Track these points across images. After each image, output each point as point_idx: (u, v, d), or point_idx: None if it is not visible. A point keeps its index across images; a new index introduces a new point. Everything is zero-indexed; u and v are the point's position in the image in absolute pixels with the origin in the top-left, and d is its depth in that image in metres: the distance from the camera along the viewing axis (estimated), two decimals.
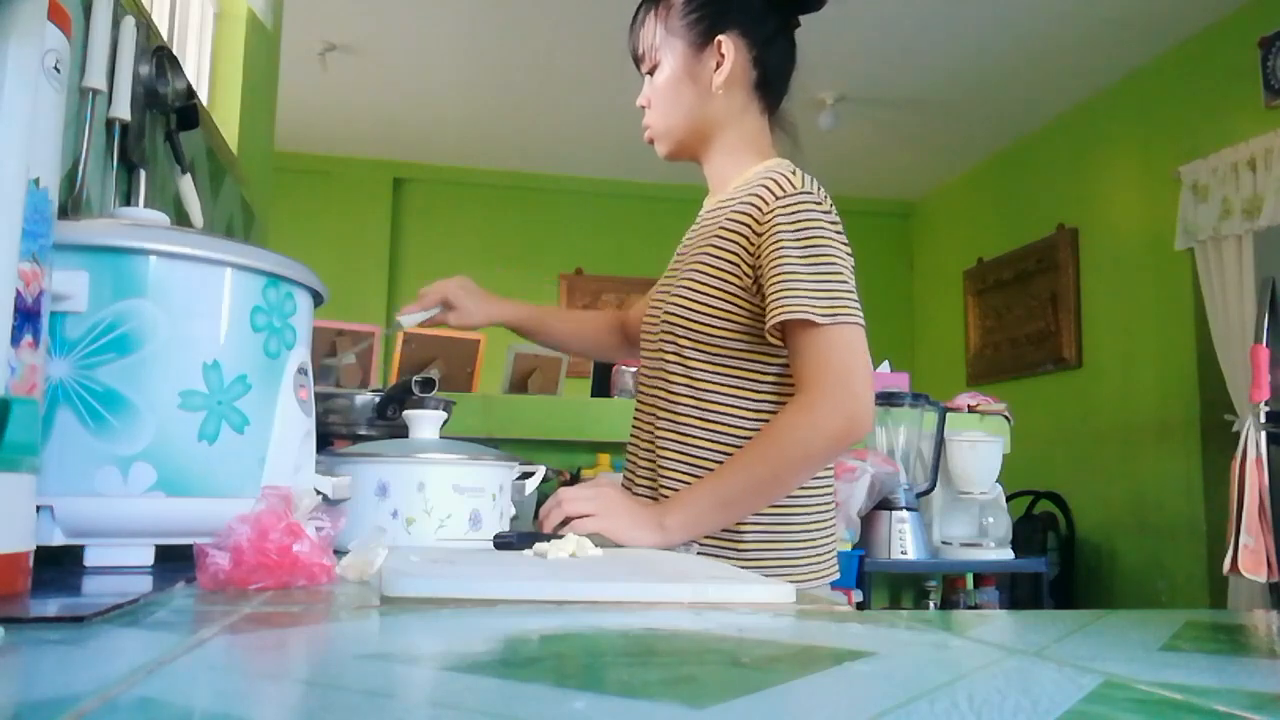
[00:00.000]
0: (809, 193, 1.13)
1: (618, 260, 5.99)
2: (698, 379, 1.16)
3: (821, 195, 1.14)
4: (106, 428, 0.66)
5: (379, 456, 0.95)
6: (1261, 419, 2.75)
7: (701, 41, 1.21)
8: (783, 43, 1.25)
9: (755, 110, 1.24)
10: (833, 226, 1.12)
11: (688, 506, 1.08)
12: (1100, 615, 0.57)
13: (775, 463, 1.08)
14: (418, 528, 0.93)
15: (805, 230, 1.10)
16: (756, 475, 1.08)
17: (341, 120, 5.30)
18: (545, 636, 0.48)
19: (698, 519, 1.08)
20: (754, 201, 1.15)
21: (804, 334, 1.07)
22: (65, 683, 0.35)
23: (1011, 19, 4.04)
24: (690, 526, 1.08)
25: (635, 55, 1.28)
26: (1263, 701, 0.34)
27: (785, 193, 1.12)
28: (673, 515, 1.07)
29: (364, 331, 2.68)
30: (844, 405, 1.05)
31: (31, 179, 0.54)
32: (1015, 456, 2.72)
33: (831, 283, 1.08)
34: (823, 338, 1.06)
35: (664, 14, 1.24)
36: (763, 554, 1.13)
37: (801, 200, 1.11)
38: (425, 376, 1.23)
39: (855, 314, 1.08)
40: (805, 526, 1.16)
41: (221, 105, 2.30)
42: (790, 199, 1.12)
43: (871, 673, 0.39)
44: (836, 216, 1.14)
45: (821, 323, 1.05)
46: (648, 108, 1.27)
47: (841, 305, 1.07)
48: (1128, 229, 4.47)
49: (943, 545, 2.53)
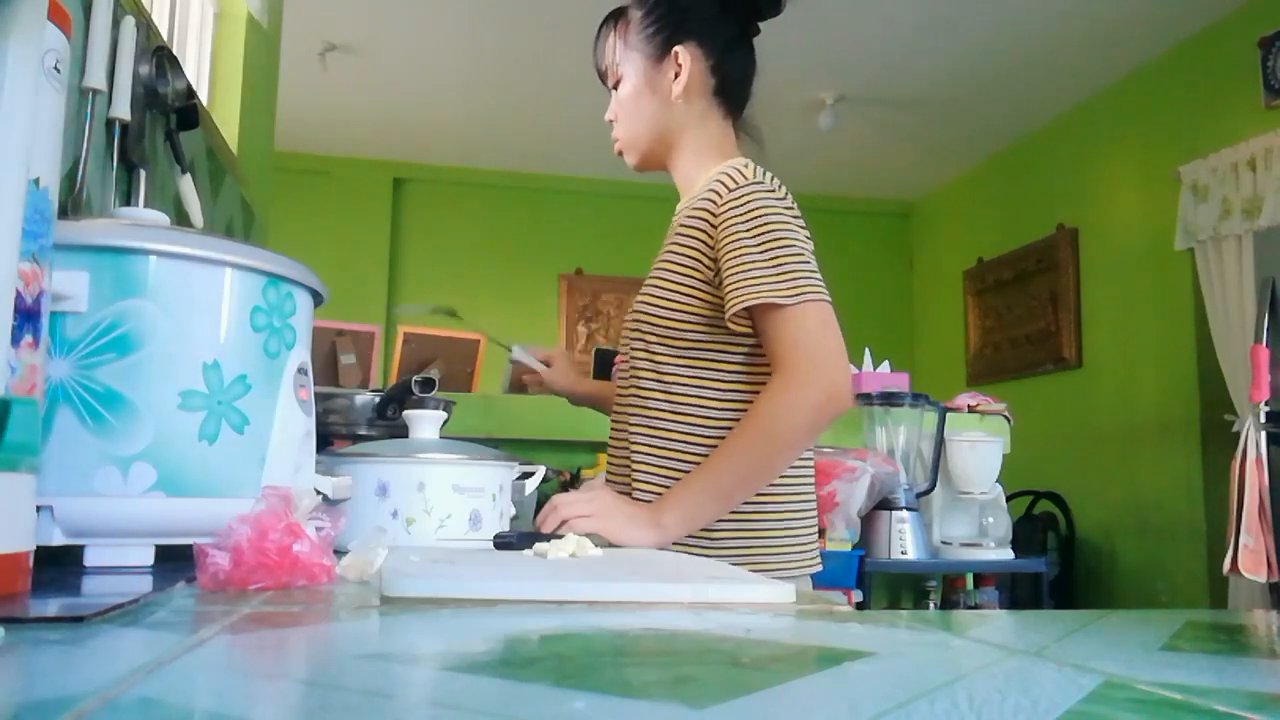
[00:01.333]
0: (758, 183, 1.15)
1: (618, 260, 5.98)
2: (665, 373, 1.19)
3: (774, 184, 1.17)
4: (106, 428, 0.66)
5: (379, 456, 0.95)
6: (1261, 419, 2.75)
7: (659, 54, 1.25)
8: (742, 50, 1.28)
9: (717, 116, 1.27)
10: (788, 211, 1.14)
11: (683, 502, 1.09)
12: (1100, 615, 0.57)
13: (762, 446, 1.09)
14: (418, 528, 0.93)
15: (758, 218, 1.12)
16: (745, 462, 1.10)
17: (341, 120, 5.30)
18: (545, 636, 0.48)
19: (694, 513, 1.09)
20: (709, 198, 1.18)
21: (770, 317, 1.09)
22: (65, 683, 0.35)
23: (1011, 19, 4.04)
24: (687, 521, 1.09)
25: (600, 71, 1.33)
26: (1263, 701, 0.34)
27: (737, 184, 1.15)
28: (669, 512, 1.08)
29: (365, 331, 2.68)
30: (820, 378, 1.07)
31: (31, 179, 0.54)
32: (1015, 456, 2.72)
33: (790, 264, 1.09)
34: (790, 318, 1.08)
35: (623, 30, 1.28)
36: (737, 545, 1.14)
37: (752, 191, 1.14)
38: (425, 376, 1.23)
39: (819, 292, 1.10)
40: (781, 516, 1.17)
41: (221, 105, 2.30)
42: (740, 190, 1.14)
43: (871, 673, 0.39)
44: (792, 203, 1.17)
45: (785, 304, 1.07)
46: (615, 121, 1.31)
47: (804, 285, 1.08)
48: (1128, 229, 4.47)
49: (943, 545, 2.53)
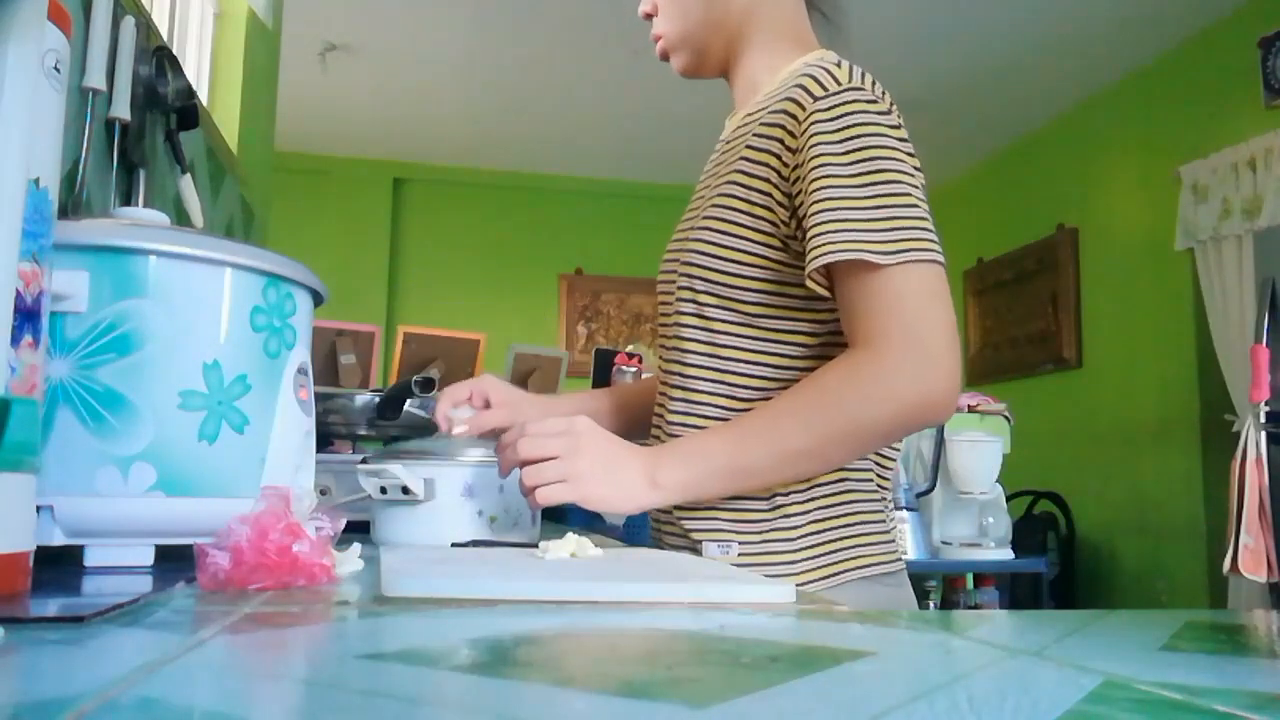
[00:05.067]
0: (858, 88, 0.87)
1: (618, 260, 5.99)
2: (721, 345, 0.94)
3: (878, 93, 0.89)
4: (106, 428, 0.66)
5: (464, 459, 0.98)
6: (1261, 419, 2.75)
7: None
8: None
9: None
10: (894, 133, 0.86)
11: (692, 464, 0.85)
12: (1100, 615, 0.57)
13: (820, 431, 0.82)
14: (498, 525, 0.97)
15: (854, 140, 0.84)
16: (788, 444, 0.83)
17: (341, 120, 5.30)
18: (545, 636, 0.48)
19: (702, 482, 0.85)
20: (787, 109, 0.89)
21: (859, 280, 0.82)
22: (65, 683, 0.35)
23: (1012, 19, 4.04)
24: (688, 489, 0.86)
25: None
26: (1263, 701, 0.34)
27: (826, 91, 0.86)
28: (671, 470, 0.84)
29: (365, 331, 2.68)
30: (918, 371, 0.80)
31: (31, 179, 0.54)
32: (1015, 456, 2.72)
33: (894, 207, 0.82)
34: (886, 283, 0.80)
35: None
36: (816, 547, 0.90)
37: (848, 100, 0.86)
38: (425, 376, 1.23)
39: (929, 249, 0.81)
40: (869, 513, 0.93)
41: (221, 105, 2.30)
42: (832, 98, 0.86)
43: (871, 673, 0.39)
44: (899, 121, 0.88)
45: (883, 263, 0.80)
46: (655, 15, 1.04)
47: (910, 238, 0.81)
48: (1128, 229, 4.47)
49: (943, 545, 2.53)
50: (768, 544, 0.91)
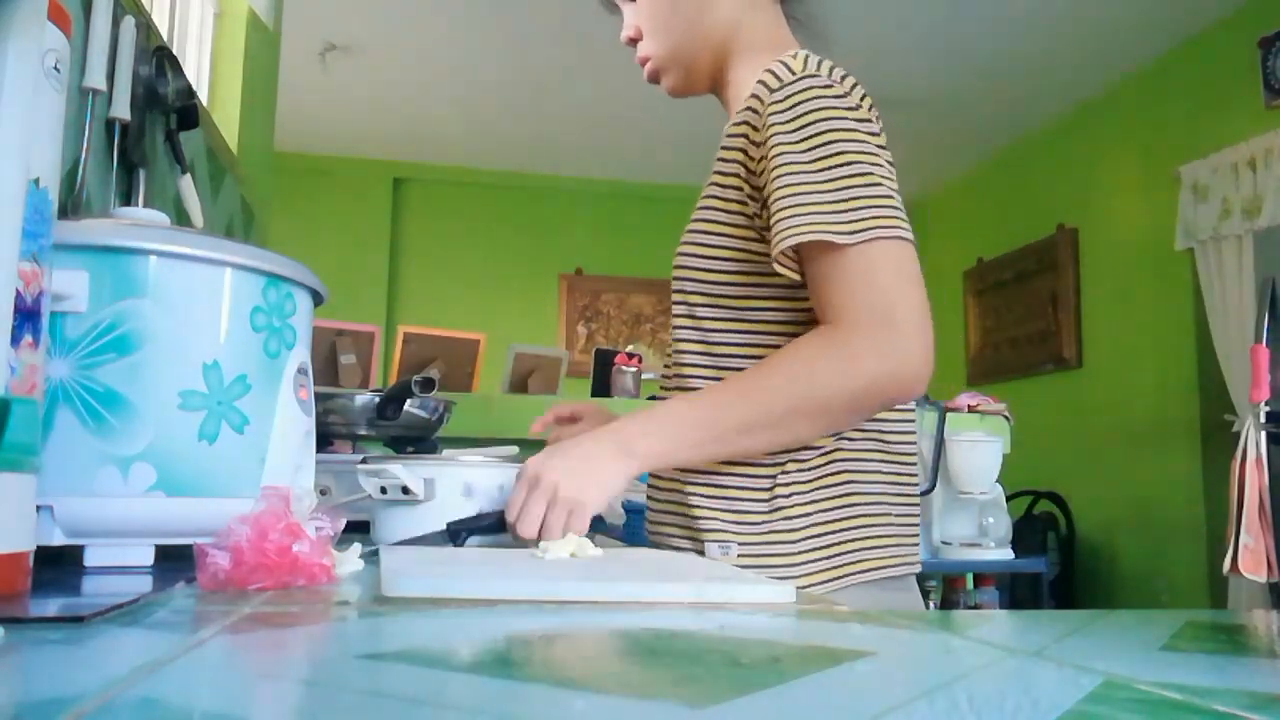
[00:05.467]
0: (812, 75, 0.87)
1: (618, 260, 5.99)
2: (712, 341, 0.95)
3: (834, 78, 0.89)
4: (106, 428, 0.66)
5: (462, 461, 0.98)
6: (1261, 419, 2.75)
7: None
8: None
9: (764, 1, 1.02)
10: (852, 114, 0.86)
11: (666, 432, 0.85)
12: (1100, 615, 0.57)
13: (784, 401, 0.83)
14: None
15: (809, 125, 0.85)
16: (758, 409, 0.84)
17: (341, 120, 5.30)
18: (545, 636, 0.48)
19: (674, 449, 0.86)
20: (751, 104, 0.91)
21: (825, 261, 0.83)
22: (65, 683, 0.35)
23: (1011, 19, 4.04)
24: (662, 457, 0.86)
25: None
26: (1263, 701, 0.34)
27: (781, 82, 0.88)
28: (644, 440, 0.85)
29: (365, 331, 2.68)
30: (886, 347, 0.80)
31: (31, 179, 0.54)
32: (1015, 456, 2.72)
33: (853, 187, 0.82)
34: (851, 263, 0.81)
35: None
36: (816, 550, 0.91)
37: (802, 88, 0.87)
38: (425, 376, 1.23)
39: (893, 225, 0.82)
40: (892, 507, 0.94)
41: (221, 105, 2.30)
42: (786, 88, 0.87)
43: (871, 673, 0.39)
44: (859, 103, 0.89)
45: (845, 243, 0.81)
46: (639, 40, 1.05)
47: (872, 216, 0.81)
48: (1128, 229, 4.47)
49: (943, 545, 2.53)
50: (768, 545, 0.91)
